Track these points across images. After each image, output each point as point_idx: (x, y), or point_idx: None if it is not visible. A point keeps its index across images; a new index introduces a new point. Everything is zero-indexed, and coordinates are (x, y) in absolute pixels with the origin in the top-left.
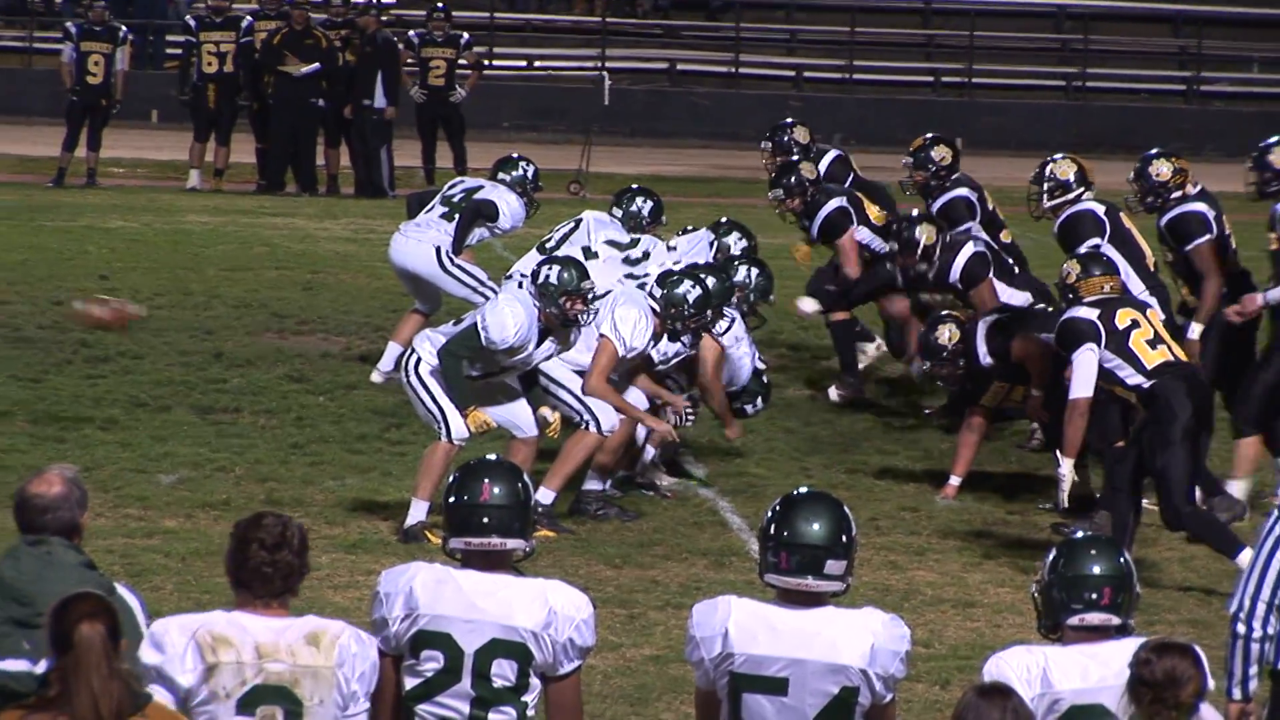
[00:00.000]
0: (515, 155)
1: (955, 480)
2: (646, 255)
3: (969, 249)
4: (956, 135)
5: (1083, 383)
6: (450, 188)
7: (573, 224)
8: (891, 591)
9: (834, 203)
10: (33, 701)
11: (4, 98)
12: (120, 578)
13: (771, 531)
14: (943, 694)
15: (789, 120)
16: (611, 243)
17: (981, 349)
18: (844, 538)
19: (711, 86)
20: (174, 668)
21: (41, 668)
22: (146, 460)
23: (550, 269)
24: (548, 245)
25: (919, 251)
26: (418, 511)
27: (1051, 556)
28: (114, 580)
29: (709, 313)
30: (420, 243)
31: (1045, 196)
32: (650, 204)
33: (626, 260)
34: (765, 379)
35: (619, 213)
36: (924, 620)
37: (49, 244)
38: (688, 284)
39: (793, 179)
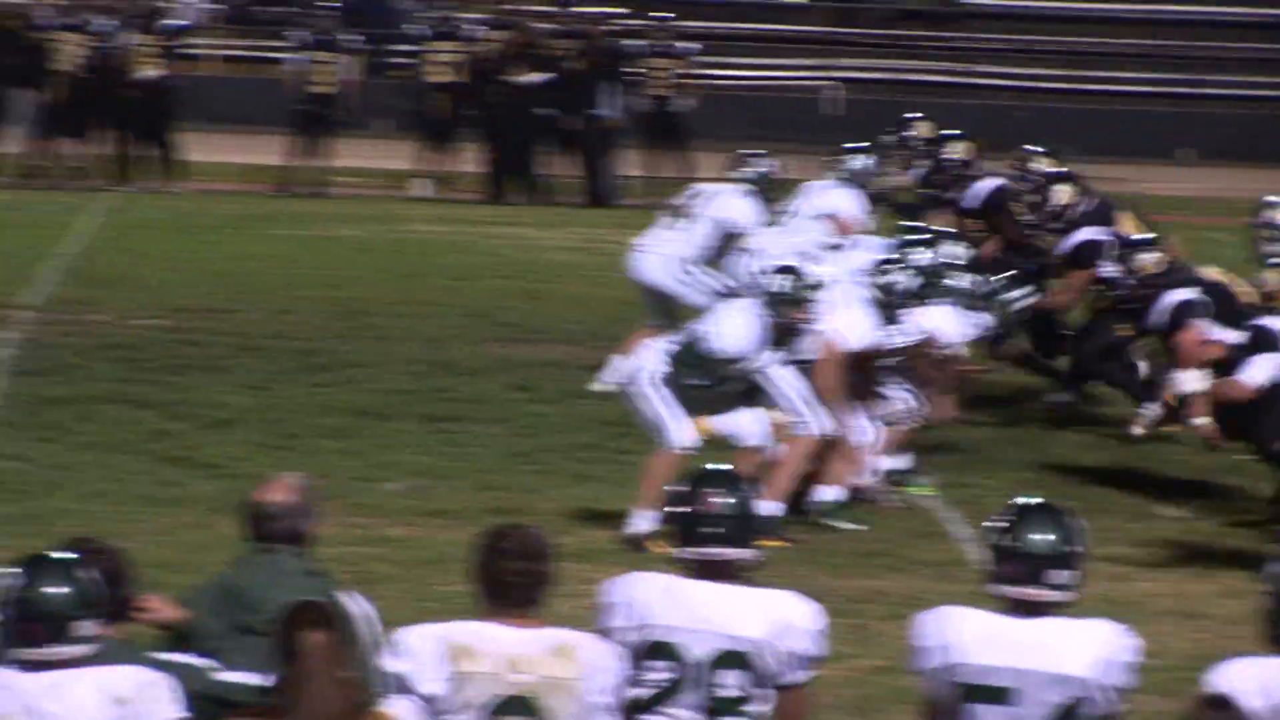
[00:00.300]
0: (752, 151)
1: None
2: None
3: (1085, 233)
4: (1183, 146)
5: (1257, 374)
6: (682, 195)
7: (797, 195)
8: (1117, 602)
9: (993, 181)
10: (258, 710)
11: (233, 107)
12: (347, 586)
13: (998, 541)
14: (1168, 705)
15: (914, 115)
16: (826, 247)
17: (1159, 315)
18: (1071, 548)
19: (937, 97)
20: (420, 676)
21: (264, 678)
22: (373, 469)
23: (775, 278)
24: (778, 223)
25: (1052, 209)
26: (641, 520)
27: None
28: (342, 588)
29: (921, 301)
30: (653, 253)
31: (1269, 242)
32: (869, 160)
33: (841, 260)
34: (996, 295)
35: (835, 175)
36: (1151, 631)
37: (277, 252)
38: (900, 274)
39: (909, 132)
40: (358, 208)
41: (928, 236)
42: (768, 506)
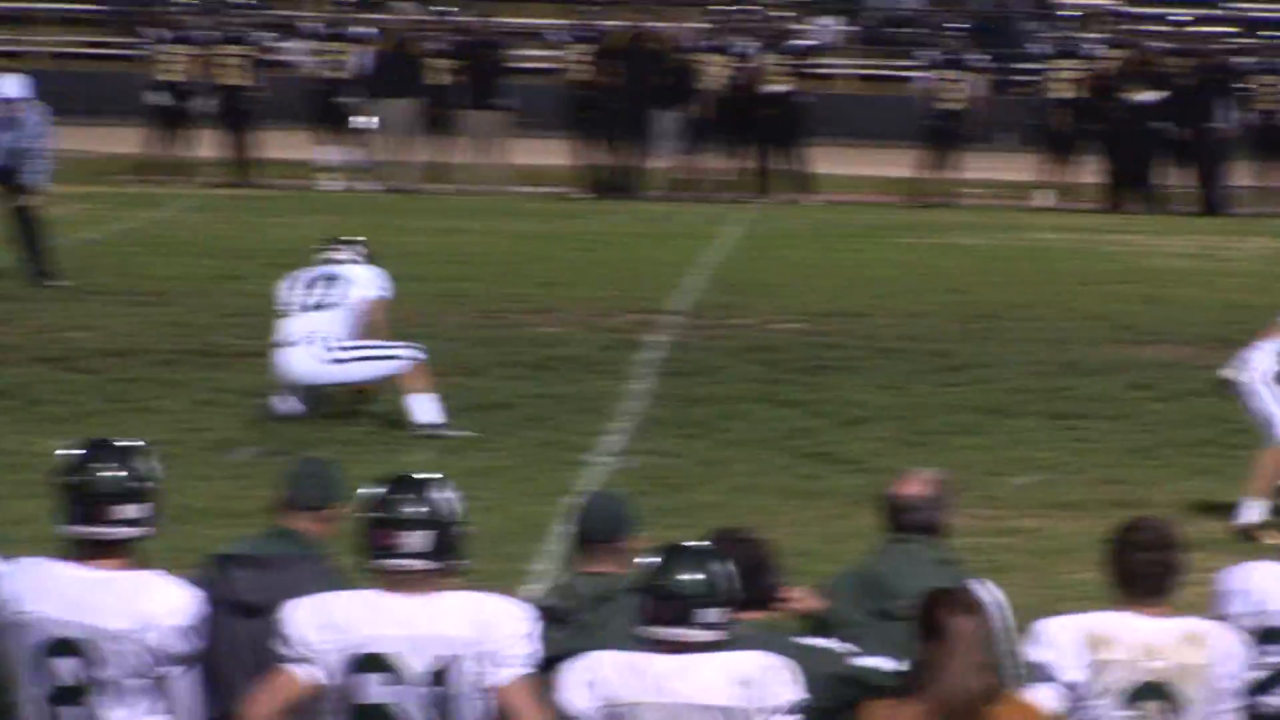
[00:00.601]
0: None
1: None
2: None
3: None
4: None
5: None
6: None
7: None
8: None
9: None
10: (899, 691)
11: (866, 123)
12: (977, 574)
13: None
14: None
15: None
16: None
17: None
18: None
19: None
20: (1061, 664)
21: (899, 664)
22: (1001, 463)
23: None
24: None
25: None
26: (1250, 512)
27: None
28: (974, 577)
29: None
30: None
31: None
32: None
33: None
34: None
35: None
36: None
37: (907, 260)
38: None
39: None
40: (983, 217)
41: None
42: None
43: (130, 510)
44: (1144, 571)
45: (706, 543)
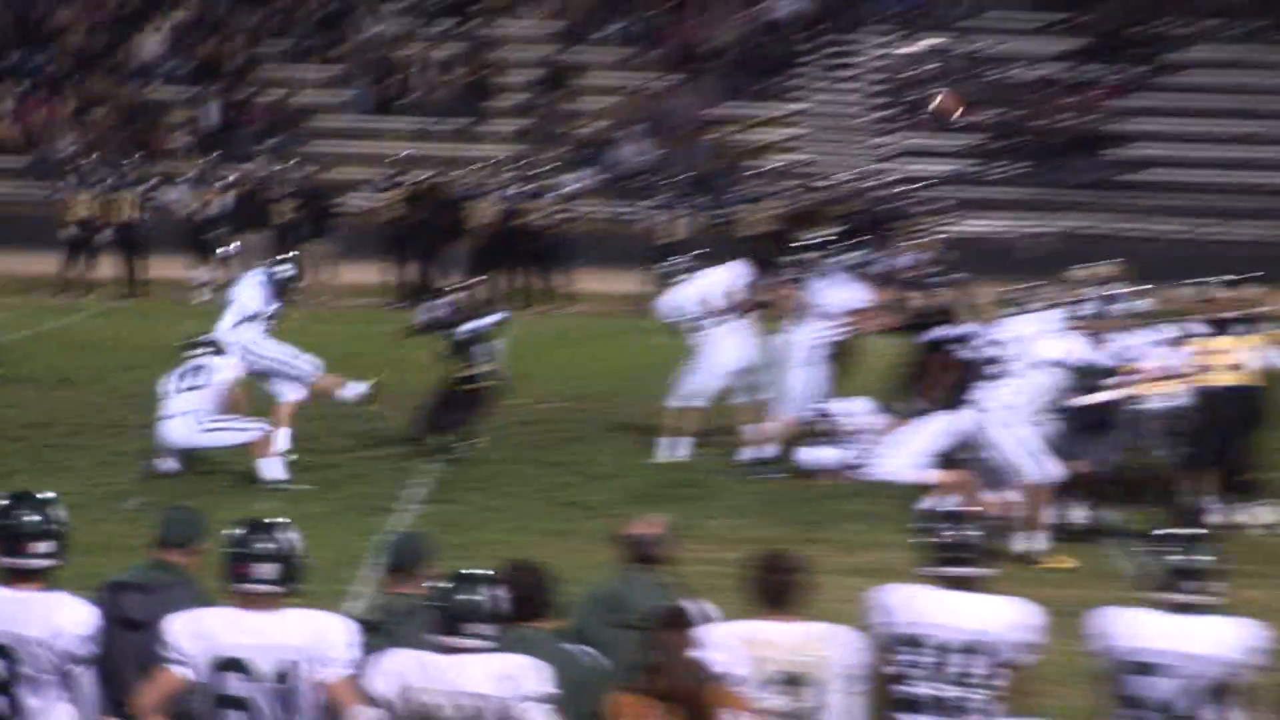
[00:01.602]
0: None
1: None
2: None
3: None
4: None
5: None
6: None
7: None
8: None
9: None
10: (630, 686)
11: (604, 251)
12: (693, 595)
13: None
14: None
15: None
16: None
17: None
18: None
19: None
20: (729, 661)
21: (633, 664)
22: (709, 509)
23: None
24: None
25: None
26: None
27: None
28: (688, 596)
29: None
30: None
31: None
32: None
33: None
34: None
35: None
36: None
37: (644, 360)
38: None
39: None
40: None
41: None
42: None
43: (45, 546)
44: (778, 589)
45: (483, 571)
